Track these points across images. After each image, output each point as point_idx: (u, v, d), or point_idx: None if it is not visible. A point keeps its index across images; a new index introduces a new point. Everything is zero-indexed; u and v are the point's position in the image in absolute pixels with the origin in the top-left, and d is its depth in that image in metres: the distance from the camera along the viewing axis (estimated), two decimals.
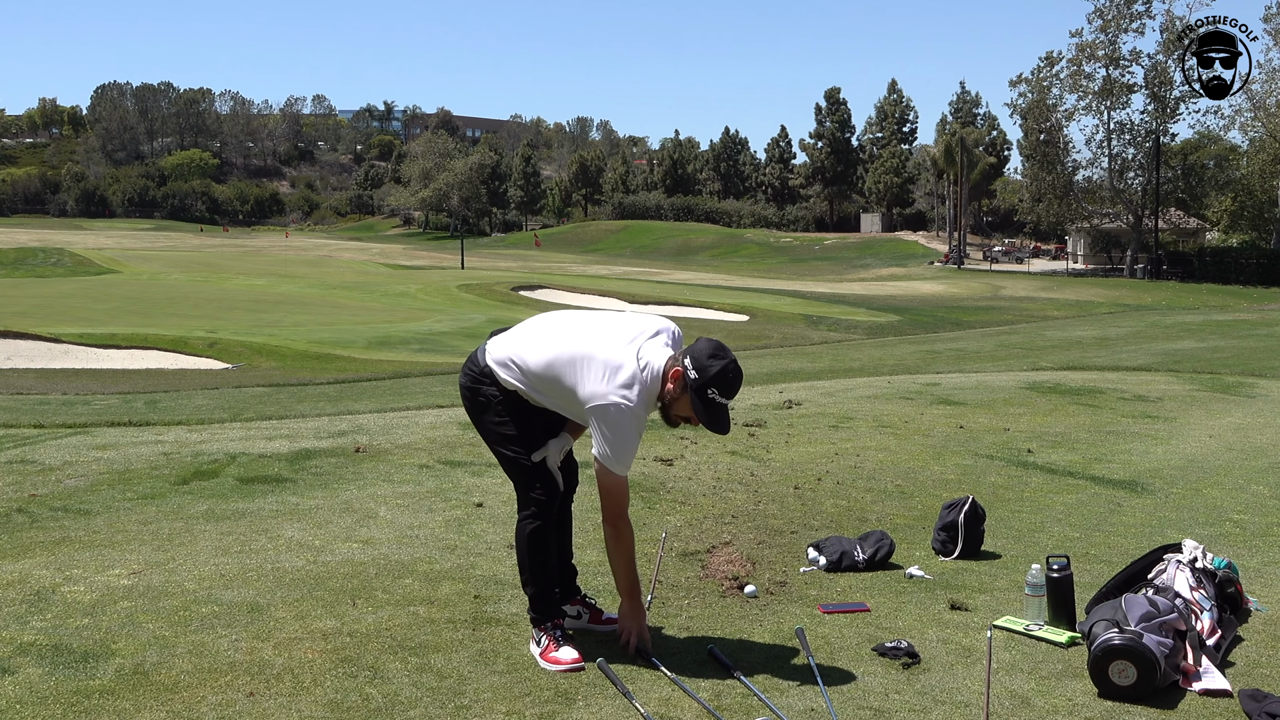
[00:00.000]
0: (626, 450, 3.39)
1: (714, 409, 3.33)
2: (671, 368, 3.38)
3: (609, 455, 3.38)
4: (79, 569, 4.24)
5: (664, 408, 3.44)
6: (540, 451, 3.60)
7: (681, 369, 3.35)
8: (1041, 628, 3.86)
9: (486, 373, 3.58)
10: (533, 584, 3.64)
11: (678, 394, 3.37)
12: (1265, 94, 51.27)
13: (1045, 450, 7.41)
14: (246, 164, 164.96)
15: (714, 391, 3.32)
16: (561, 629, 3.61)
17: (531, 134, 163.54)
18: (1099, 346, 19.85)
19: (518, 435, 3.58)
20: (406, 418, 8.62)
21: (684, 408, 3.38)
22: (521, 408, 3.58)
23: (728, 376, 3.33)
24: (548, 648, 3.51)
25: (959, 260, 65.64)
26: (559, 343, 3.48)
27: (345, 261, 66.23)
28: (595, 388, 3.36)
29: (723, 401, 3.34)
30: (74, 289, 39.18)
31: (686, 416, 3.41)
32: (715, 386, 3.31)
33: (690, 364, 3.33)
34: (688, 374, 3.33)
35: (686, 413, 3.39)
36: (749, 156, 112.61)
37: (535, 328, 3.62)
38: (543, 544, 3.63)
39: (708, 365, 3.32)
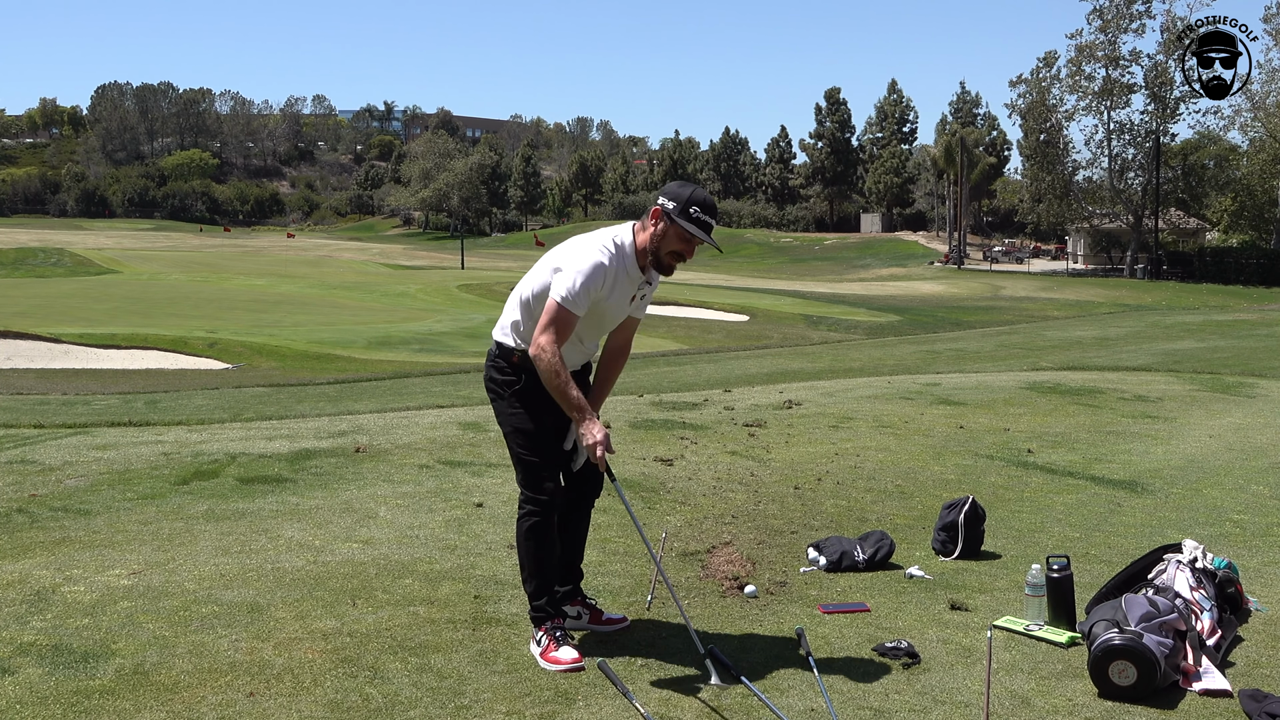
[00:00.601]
0: (584, 288, 3.45)
1: (702, 223, 3.51)
2: (649, 215, 3.57)
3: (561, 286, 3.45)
4: (79, 569, 4.24)
5: (654, 257, 3.57)
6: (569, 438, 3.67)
7: (659, 207, 3.55)
8: (1041, 628, 3.86)
9: (496, 350, 3.69)
10: (532, 581, 3.66)
11: (663, 230, 3.54)
12: (1265, 94, 51.28)
13: (1045, 450, 7.41)
14: (246, 164, 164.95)
15: (696, 209, 3.50)
16: (562, 629, 3.61)
17: (531, 134, 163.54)
18: (1099, 346, 19.85)
19: (529, 429, 3.62)
20: (406, 418, 8.62)
21: (673, 240, 3.54)
22: (533, 398, 3.60)
23: (703, 194, 3.55)
24: (548, 647, 3.52)
25: (959, 260, 65.65)
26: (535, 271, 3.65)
27: (345, 261, 66.24)
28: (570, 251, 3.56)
29: (707, 219, 3.52)
30: (74, 289, 39.19)
31: (676, 250, 3.56)
32: (695, 205, 3.51)
33: (666, 199, 3.54)
34: (666, 206, 3.52)
35: (676, 245, 3.55)
36: (749, 156, 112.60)
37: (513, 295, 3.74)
38: (542, 541, 3.63)
39: (681, 191, 3.54)
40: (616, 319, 3.72)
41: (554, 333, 3.46)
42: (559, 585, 3.80)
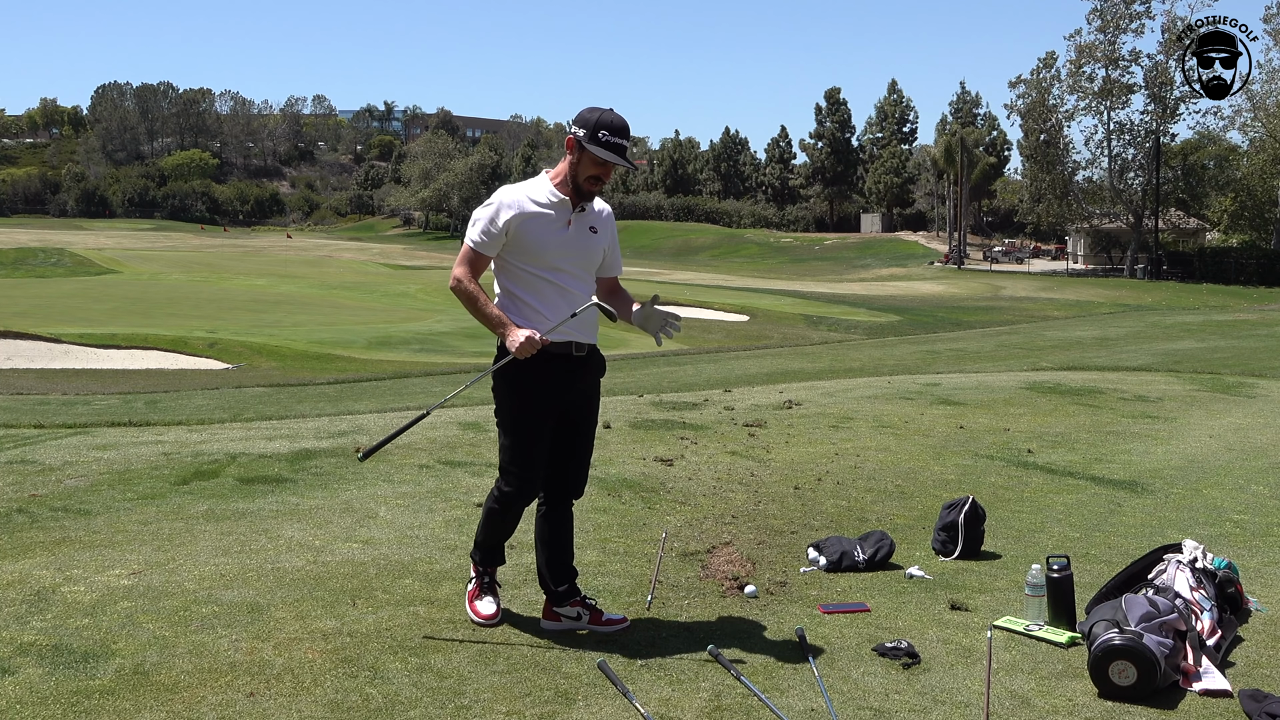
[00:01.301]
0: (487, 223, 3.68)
1: (612, 145, 3.62)
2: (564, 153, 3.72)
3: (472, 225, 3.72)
4: (79, 569, 4.24)
5: (574, 184, 3.69)
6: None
7: (571, 136, 3.67)
8: (1041, 628, 3.86)
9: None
10: (482, 548, 3.93)
11: (578, 157, 3.66)
12: (1265, 94, 51.31)
13: (1045, 450, 7.41)
14: (246, 164, 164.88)
15: (605, 133, 3.61)
16: (493, 578, 3.89)
17: (531, 134, 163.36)
18: (1099, 346, 19.86)
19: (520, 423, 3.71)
20: (406, 418, 8.61)
21: (589, 165, 3.66)
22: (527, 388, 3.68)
23: (610, 117, 3.64)
24: (473, 592, 3.85)
25: (959, 260, 65.64)
26: None
27: (345, 262, 66.24)
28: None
29: (618, 141, 3.63)
30: (74, 289, 39.20)
31: (594, 174, 3.67)
32: (603, 128, 3.61)
33: (576, 126, 3.66)
34: (577, 134, 3.65)
35: (593, 170, 3.67)
36: (749, 156, 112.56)
37: None
38: (501, 523, 3.86)
39: (589, 116, 3.65)
40: (572, 249, 3.72)
41: (466, 266, 3.73)
42: (555, 585, 3.84)
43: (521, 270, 3.71)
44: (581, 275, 3.78)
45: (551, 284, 3.69)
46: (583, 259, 3.77)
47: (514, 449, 3.72)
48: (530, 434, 3.70)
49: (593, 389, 3.86)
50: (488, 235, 3.68)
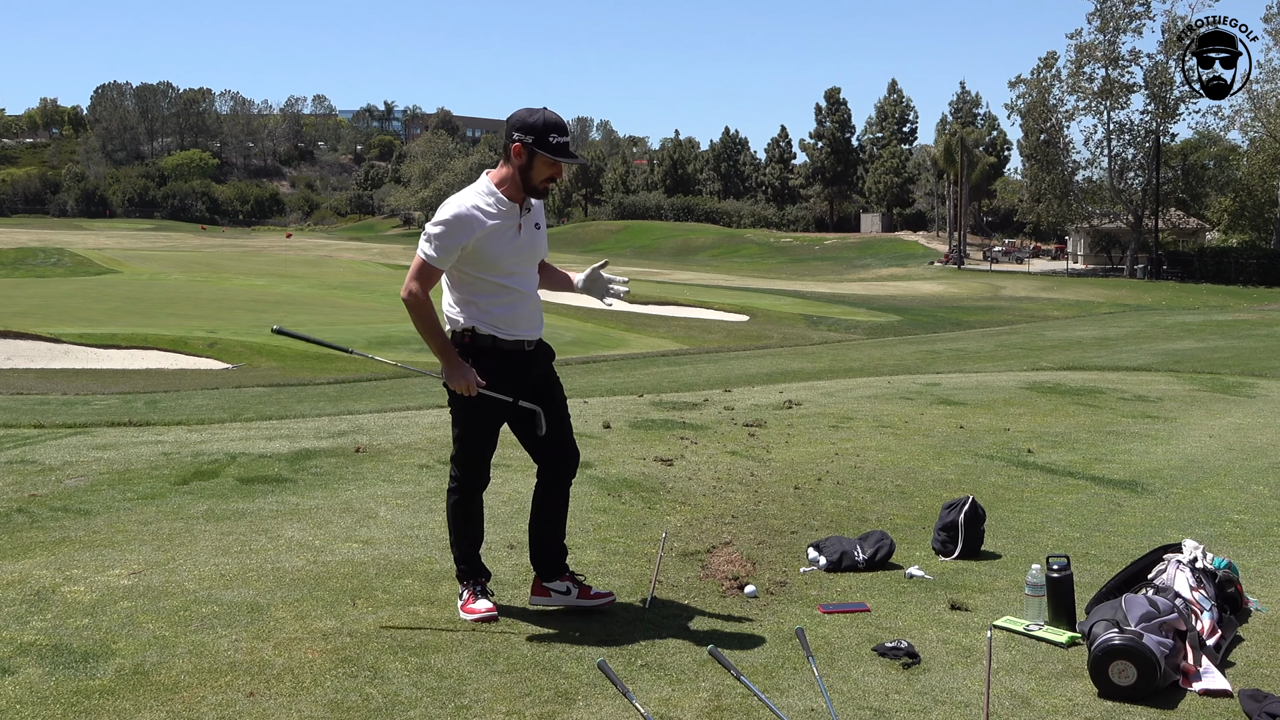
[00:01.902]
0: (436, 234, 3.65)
1: (561, 148, 3.67)
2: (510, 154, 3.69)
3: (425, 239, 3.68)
4: (79, 569, 4.24)
5: (526, 187, 3.72)
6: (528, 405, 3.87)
7: (518, 143, 3.66)
8: (1041, 628, 3.86)
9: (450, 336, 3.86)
10: (456, 547, 3.97)
11: (527, 162, 3.68)
12: (1265, 94, 51.30)
13: (1045, 450, 7.41)
14: (246, 164, 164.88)
15: (554, 136, 3.66)
16: (483, 586, 3.93)
17: None
18: (1099, 346, 19.86)
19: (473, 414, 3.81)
20: (406, 418, 8.62)
21: (541, 168, 3.70)
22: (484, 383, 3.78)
23: (552, 116, 3.68)
24: (467, 600, 3.86)
25: (959, 260, 65.64)
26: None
27: (345, 262, 66.24)
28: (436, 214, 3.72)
29: (566, 140, 3.69)
30: (74, 289, 39.20)
31: (549, 175, 3.72)
32: (552, 131, 3.66)
33: (521, 133, 3.65)
34: (524, 139, 3.65)
35: (547, 171, 3.71)
36: (749, 156, 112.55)
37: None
38: (465, 515, 3.93)
39: (531, 120, 3.66)
40: (525, 252, 3.82)
41: (420, 281, 3.69)
42: (545, 563, 4.01)
43: (478, 279, 3.76)
44: (532, 273, 3.92)
45: (508, 289, 3.79)
46: (533, 258, 3.91)
47: (468, 438, 3.87)
48: (483, 425, 3.85)
49: (548, 371, 3.99)
50: (444, 251, 3.67)
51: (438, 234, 3.65)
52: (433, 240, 3.66)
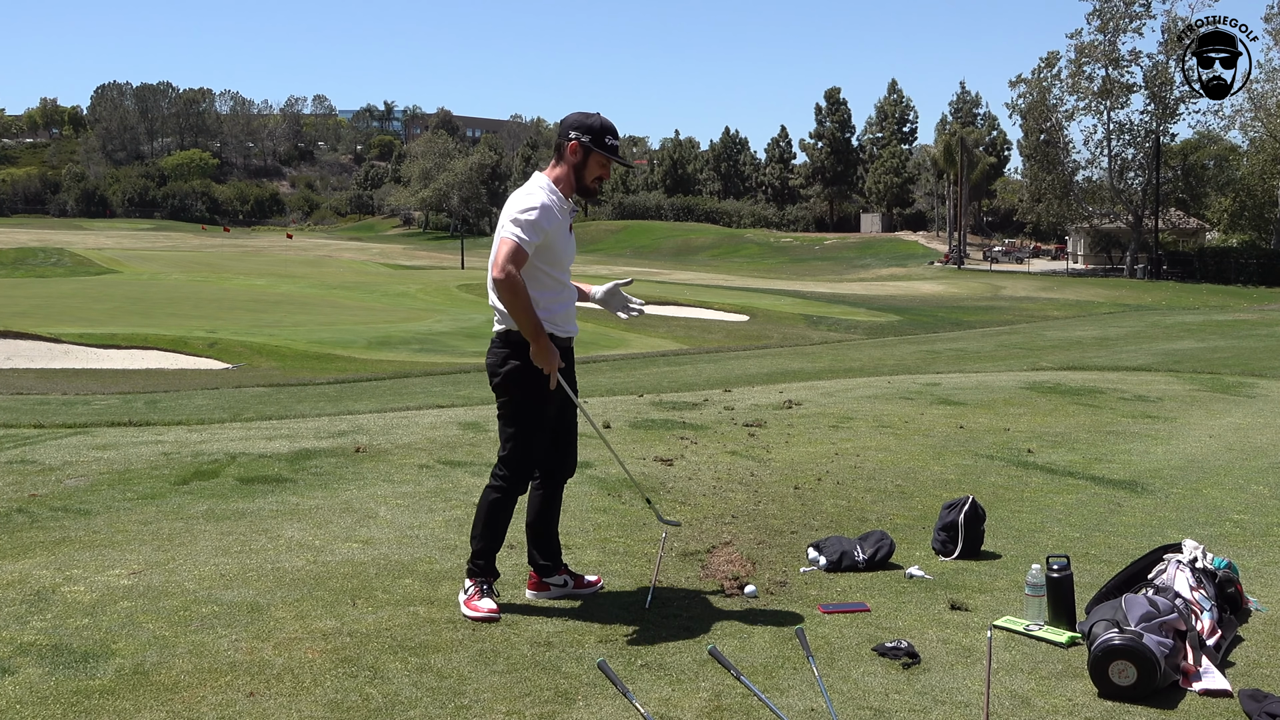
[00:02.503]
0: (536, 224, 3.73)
1: (614, 149, 3.87)
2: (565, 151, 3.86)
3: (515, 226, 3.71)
4: (79, 569, 4.24)
5: (578, 184, 3.89)
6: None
7: (575, 141, 3.84)
8: (1041, 628, 3.86)
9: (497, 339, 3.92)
10: (480, 541, 3.98)
11: (582, 160, 3.86)
12: (1265, 94, 51.29)
13: (1045, 450, 7.40)
14: (246, 164, 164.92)
15: (609, 138, 3.87)
16: (489, 585, 3.95)
17: (531, 134, 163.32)
18: (1099, 346, 19.86)
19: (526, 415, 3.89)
20: (406, 418, 8.62)
21: (594, 167, 3.88)
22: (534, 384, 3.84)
23: (606, 120, 3.89)
24: (472, 596, 3.87)
25: (959, 260, 65.65)
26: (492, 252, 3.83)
27: (345, 261, 66.24)
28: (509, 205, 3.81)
29: (617, 143, 3.89)
30: (74, 289, 39.20)
31: (599, 175, 3.90)
32: (607, 133, 3.87)
33: (578, 134, 3.85)
34: (582, 139, 3.84)
35: (599, 171, 3.89)
36: (749, 156, 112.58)
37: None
38: (502, 513, 3.97)
39: (588, 122, 3.87)
40: (572, 250, 4.00)
41: (514, 263, 3.71)
42: (542, 560, 4.10)
43: (542, 273, 3.86)
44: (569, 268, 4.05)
45: (562, 284, 3.94)
46: (573, 256, 4.03)
47: (520, 437, 3.91)
48: (538, 422, 3.91)
49: (572, 372, 4.13)
50: (535, 235, 3.74)
51: (530, 220, 3.72)
52: (524, 226, 3.72)
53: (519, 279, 3.72)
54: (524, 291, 3.73)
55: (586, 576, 4.21)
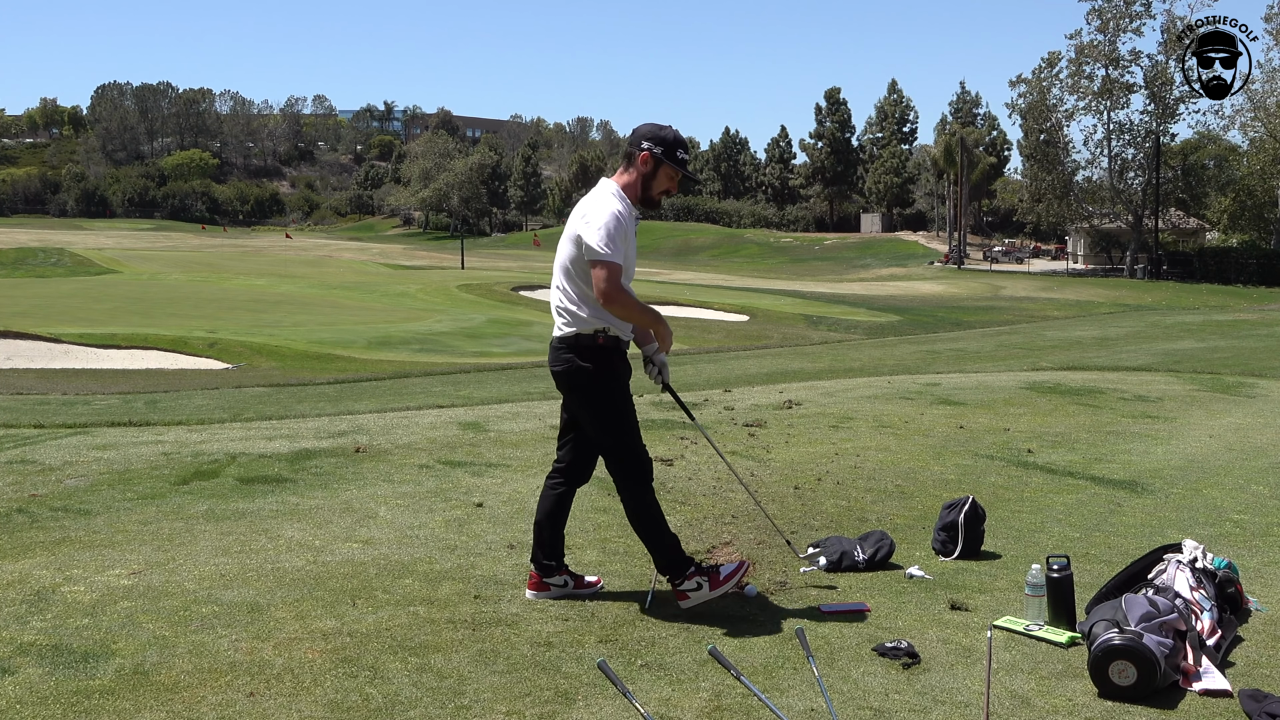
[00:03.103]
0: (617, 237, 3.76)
1: (684, 164, 3.93)
2: (636, 160, 3.90)
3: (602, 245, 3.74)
4: (79, 569, 4.24)
5: (644, 195, 3.93)
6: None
7: (646, 152, 3.88)
8: (1041, 628, 3.86)
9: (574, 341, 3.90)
10: (659, 549, 3.99)
11: (652, 171, 3.90)
12: (1265, 94, 51.29)
13: (1045, 450, 7.40)
14: (246, 164, 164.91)
15: (681, 151, 3.92)
16: (697, 565, 3.99)
17: (531, 134, 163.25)
18: (1099, 346, 19.86)
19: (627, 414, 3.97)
20: (406, 418, 8.61)
21: (662, 181, 3.93)
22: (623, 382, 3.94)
23: (680, 135, 3.96)
24: (711, 580, 3.94)
25: (959, 260, 65.65)
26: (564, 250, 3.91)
27: (345, 261, 66.24)
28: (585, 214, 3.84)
29: (687, 158, 3.96)
30: (74, 289, 39.19)
31: (666, 188, 3.94)
32: (679, 147, 3.92)
33: (650, 144, 3.88)
34: (654, 151, 3.88)
35: (667, 184, 3.94)
36: (749, 156, 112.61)
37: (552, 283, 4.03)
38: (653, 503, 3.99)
39: (662, 134, 3.91)
40: (634, 257, 4.02)
41: (614, 283, 3.75)
42: (546, 559, 4.07)
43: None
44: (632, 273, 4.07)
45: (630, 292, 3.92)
46: (635, 263, 4.05)
47: (627, 440, 3.96)
48: (634, 420, 3.99)
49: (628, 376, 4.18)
50: (622, 246, 3.79)
51: (612, 235, 3.74)
52: (610, 242, 3.74)
53: (625, 293, 3.79)
54: (633, 299, 3.82)
55: (586, 577, 4.21)
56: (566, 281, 3.89)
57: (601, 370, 3.89)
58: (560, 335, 3.93)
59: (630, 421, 3.97)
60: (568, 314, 3.89)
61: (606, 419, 3.95)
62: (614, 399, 3.93)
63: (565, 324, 3.91)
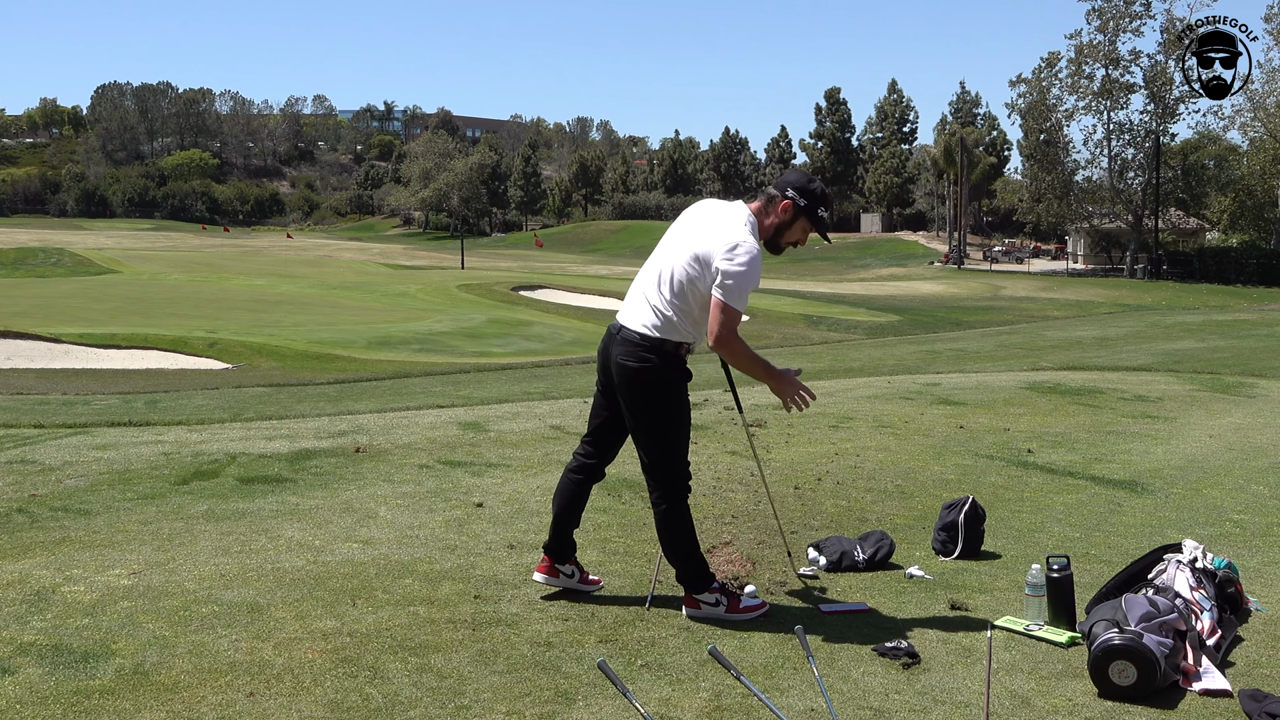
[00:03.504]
0: (749, 285, 3.72)
1: (823, 222, 3.91)
2: (778, 204, 3.86)
3: (735, 289, 3.69)
4: (79, 569, 4.24)
5: (772, 239, 3.90)
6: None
7: (791, 200, 3.84)
8: (1041, 628, 3.86)
9: (655, 344, 3.81)
10: (689, 559, 3.94)
11: (789, 221, 3.86)
12: (1265, 94, 51.30)
13: (1045, 450, 7.40)
14: (246, 164, 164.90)
15: (823, 209, 3.90)
16: (721, 585, 3.96)
17: (531, 134, 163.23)
18: (1099, 346, 19.86)
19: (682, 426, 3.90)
20: (406, 418, 8.61)
21: (796, 232, 3.90)
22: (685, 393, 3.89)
23: (827, 193, 3.94)
24: (731, 604, 3.90)
25: (959, 260, 65.64)
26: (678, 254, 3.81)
27: (345, 261, 66.23)
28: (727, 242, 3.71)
29: (826, 216, 3.92)
30: (74, 289, 39.19)
31: (795, 240, 3.92)
32: (823, 204, 3.89)
33: (797, 193, 3.84)
34: (797, 202, 3.84)
35: (798, 236, 3.91)
36: (749, 156, 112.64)
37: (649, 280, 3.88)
38: (686, 520, 3.95)
39: (809, 187, 3.87)
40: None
41: (731, 328, 3.71)
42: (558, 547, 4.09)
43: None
44: None
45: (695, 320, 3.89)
46: None
47: (674, 453, 3.91)
48: (687, 436, 3.93)
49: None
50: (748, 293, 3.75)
51: (748, 287, 3.71)
52: (743, 295, 3.70)
53: (739, 341, 3.75)
54: (745, 348, 3.77)
55: (590, 574, 4.24)
56: (673, 293, 3.77)
57: (676, 380, 3.84)
58: (645, 335, 3.79)
59: (684, 437, 3.92)
60: (663, 320, 3.79)
61: (663, 428, 3.87)
62: (674, 411, 3.86)
63: (655, 327, 3.79)
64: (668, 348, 3.80)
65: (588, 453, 4.12)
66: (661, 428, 3.87)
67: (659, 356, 3.80)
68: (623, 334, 3.85)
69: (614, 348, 3.87)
